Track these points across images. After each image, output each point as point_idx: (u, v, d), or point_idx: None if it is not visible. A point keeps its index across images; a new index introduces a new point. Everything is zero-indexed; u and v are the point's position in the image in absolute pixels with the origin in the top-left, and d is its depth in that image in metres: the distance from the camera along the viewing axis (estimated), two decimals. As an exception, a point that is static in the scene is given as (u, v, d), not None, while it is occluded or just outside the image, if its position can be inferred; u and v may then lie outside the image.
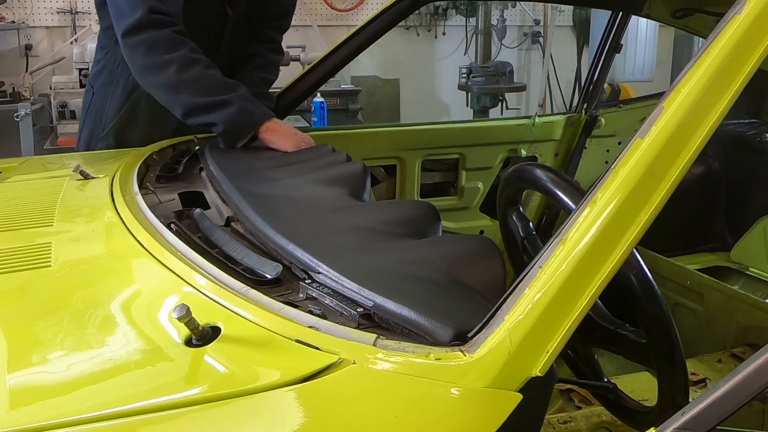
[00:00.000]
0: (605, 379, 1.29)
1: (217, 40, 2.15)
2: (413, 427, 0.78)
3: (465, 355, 0.81)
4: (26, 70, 5.07)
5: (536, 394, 0.81)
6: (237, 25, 2.18)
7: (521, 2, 6.02)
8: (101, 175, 1.67)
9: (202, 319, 0.91)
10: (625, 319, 1.19)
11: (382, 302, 0.94)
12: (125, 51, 1.90)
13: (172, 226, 1.31)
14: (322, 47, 4.87)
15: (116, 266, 1.21)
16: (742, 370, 0.78)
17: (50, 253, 1.23)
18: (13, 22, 5.16)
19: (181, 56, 1.85)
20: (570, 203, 1.13)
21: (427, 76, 6.36)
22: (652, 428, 0.78)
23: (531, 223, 1.47)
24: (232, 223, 1.38)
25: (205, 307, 0.98)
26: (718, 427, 0.77)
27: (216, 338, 0.91)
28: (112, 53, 2.15)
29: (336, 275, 1.03)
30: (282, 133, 1.90)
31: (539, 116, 2.77)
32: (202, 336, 0.90)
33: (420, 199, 2.60)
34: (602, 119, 2.84)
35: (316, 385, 0.82)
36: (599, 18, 5.27)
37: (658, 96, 0.91)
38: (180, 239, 1.21)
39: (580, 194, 1.12)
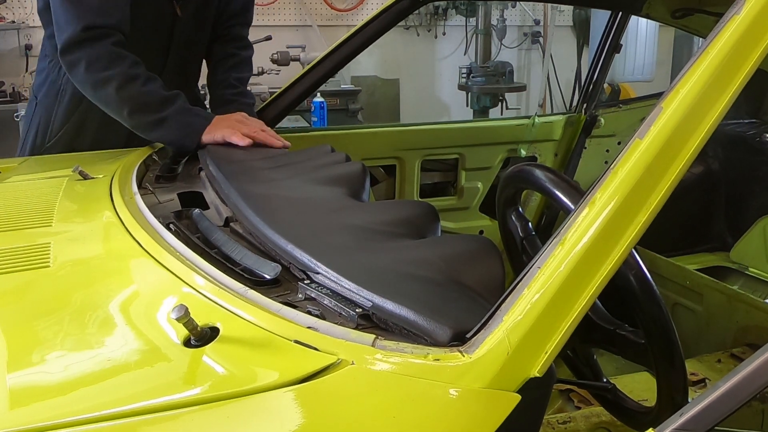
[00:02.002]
0: (604, 380, 1.29)
1: (166, 41, 2.13)
2: (412, 427, 0.78)
3: (463, 356, 0.81)
4: (26, 70, 5.06)
5: (535, 395, 0.81)
6: (187, 25, 2.15)
7: (521, 2, 6.02)
8: (100, 175, 1.67)
9: (201, 319, 0.91)
10: (624, 319, 1.19)
11: (381, 302, 0.94)
12: (65, 67, 1.88)
13: (171, 226, 1.31)
14: (322, 47, 4.86)
15: (115, 266, 1.21)
16: (741, 371, 0.78)
17: (49, 254, 1.23)
18: (13, 22, 5.16)
19: (119, 73, 1.83)
20: (569, 203, 1.13)
21: (427, 76, 6.36)
22: (650, 428, 0.78)
23: (530, 224, 1.47)
24: (231, 224, 1.38)
25: (203, 307, 0.98)
26: (716, 428, 0.77)
27: (214, 339, 0.91)
28: (56, 62, 2.09)
29: (335, 275, 1.03)
30: (226, 127, 1.89)
31: (539, 116, 2.77)
32: (201, 336, 0.90)
33: (419, 199, 2.60)
34: (602, 119, 2.84)
35: (315, 385, 0.81)
36: (599, 18, 5.27)
37: (658, 96, 0.91)
38: (179, 239, 1.21)
39: (579, 194, 1.12)
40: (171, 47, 2.14)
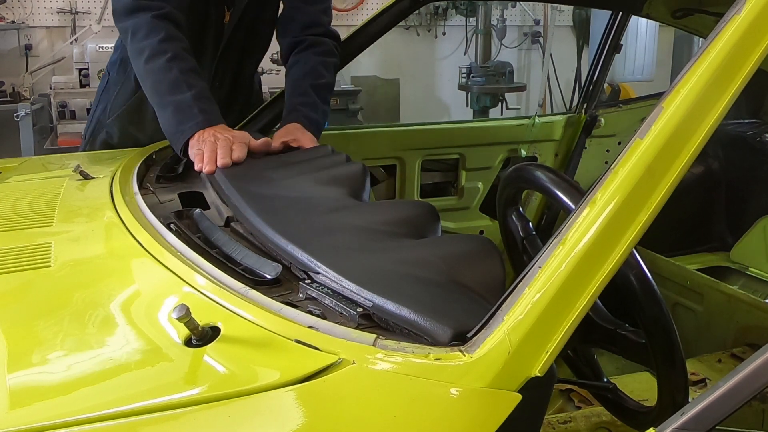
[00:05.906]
0: (605, 379, 1.29)
1: (213, 47, 2.09)
2: (413, 427, 0.78)
3: (464, 356, 0.81)
4: (26, 70, 5.07)
5: (536, 395, 0.81)
6: (237, 30, 2.10)
7: (521, 2, 6.02)
8: (101, 175, 1.67)
9: (202, 319, 0.91)
10: (625, 319, 1.19)
11: (382, 302, 0.94)
12: (121, 35, 1.88)
13: (172, 226, 1.31)
14: (322, 47, 4.84)
15: (116, 266, 1.21)
16: (741, 370, 0.78)
17: (50, 253, 1.23)
18: (13, 22, 5.16)
19: (150, 45, 1.78)
20: (569, 203, 1.13)
21: (427, 76, 6.36)
22: (651, 428, 0.78)
23: (530, 223, 1.48)
24: (232, 224, 1.38)
25: (204, 307, 0.98)
26: (717, 427, 0.77)
27: (215, 338, 0.91)
28: None
29: (335, 275, 1.03)
30: (203, 151, 1.62)
31: (539, 116, 2.78)
32: (202, 336, 0.90)
33: (420, 199, 2.60)
34: (602, 119, 2.84)
35: (316, 385, 0.82)
36: (599, 18, 5.27)
37: (658, 96, 0.91)
38: (180, 239, 1.21)
39: (580, 194, 1.12)
40: (219, 53, 2.10)
